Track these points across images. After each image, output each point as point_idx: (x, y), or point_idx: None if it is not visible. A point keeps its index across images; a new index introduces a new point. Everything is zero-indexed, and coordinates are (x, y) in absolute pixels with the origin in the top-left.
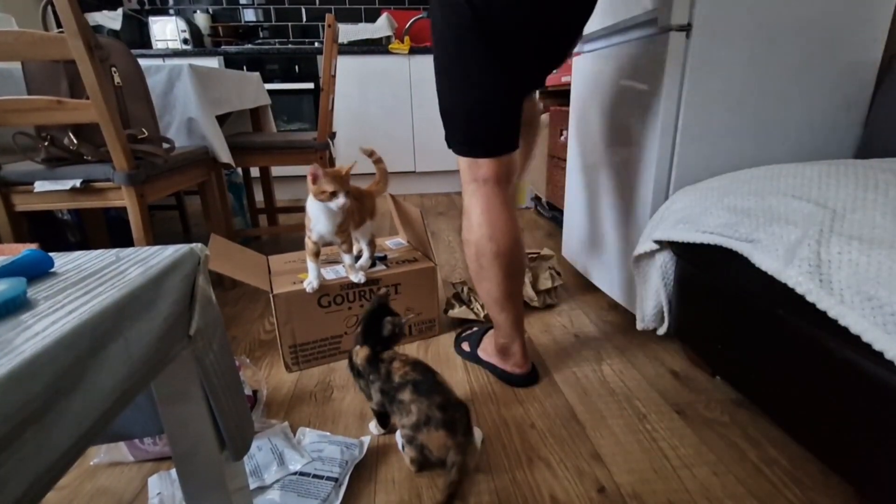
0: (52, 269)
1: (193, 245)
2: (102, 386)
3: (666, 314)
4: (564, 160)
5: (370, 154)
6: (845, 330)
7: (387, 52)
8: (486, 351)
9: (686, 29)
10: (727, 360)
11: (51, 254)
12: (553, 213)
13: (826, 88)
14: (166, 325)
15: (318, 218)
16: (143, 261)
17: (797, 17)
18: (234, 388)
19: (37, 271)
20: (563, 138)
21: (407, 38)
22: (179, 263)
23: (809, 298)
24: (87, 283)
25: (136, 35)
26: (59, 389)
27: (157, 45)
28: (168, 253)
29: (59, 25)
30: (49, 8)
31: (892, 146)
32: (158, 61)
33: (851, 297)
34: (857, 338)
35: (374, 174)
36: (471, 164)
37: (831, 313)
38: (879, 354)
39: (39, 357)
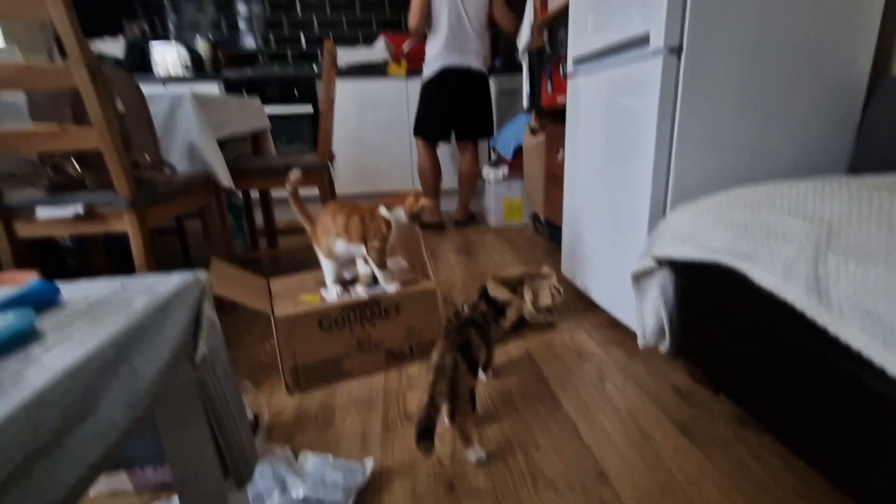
0: (59, 299)
1: (198, 273)
2: (111, 415)
3: (667, 331)
4: (562, 178)
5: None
6: (846, 345)
7: (384, 74)
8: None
9: (678, 51)
10: (729, 377)
11: (56, 282)
12: (551, 230)
13: (817, 105)
14: (172, 352)
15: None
16: (148, 289)
17: (786, 37)
18: (237, 413)
19: (44, 302)
20: (559, 157)
21: (404, 61)
22: (184, 291)
23: (809, 314)
24: (94, 312)
25: (138, 61)
26: (68, 420)
27: (159, 70)
28: (173, 281)
29: (62, 53)
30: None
31: (884, 161)
32: (160, 87)
33: (850, 311)
34: (858, 353)
35: (369, 195)
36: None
37: (831, 328)
38: (881, 369)
39: (49, 389)
